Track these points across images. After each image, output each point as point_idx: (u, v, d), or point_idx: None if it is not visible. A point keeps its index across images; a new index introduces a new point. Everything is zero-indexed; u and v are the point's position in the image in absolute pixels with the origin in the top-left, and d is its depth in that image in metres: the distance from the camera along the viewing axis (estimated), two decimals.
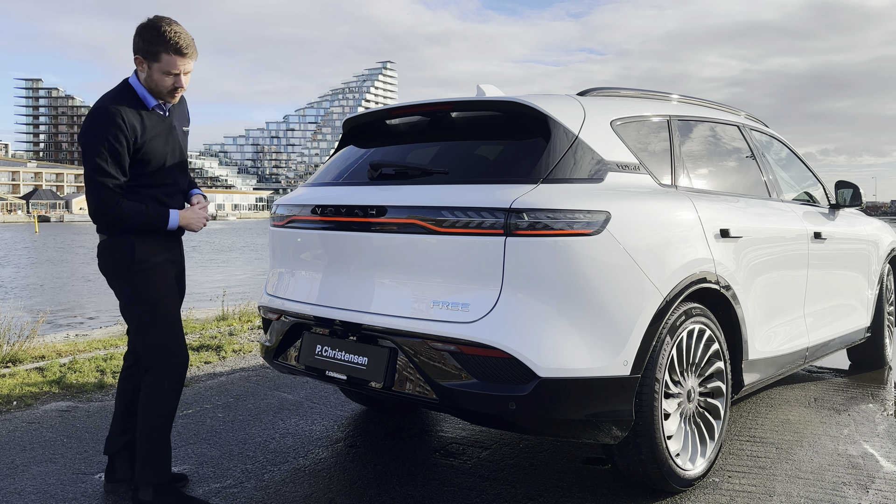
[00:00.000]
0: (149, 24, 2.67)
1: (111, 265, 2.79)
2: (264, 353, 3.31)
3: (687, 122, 3.40)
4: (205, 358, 5.36)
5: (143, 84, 2.72)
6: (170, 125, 2.82)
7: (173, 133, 2.84)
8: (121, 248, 2.74)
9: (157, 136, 2.75)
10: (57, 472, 3.13)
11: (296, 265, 3.18)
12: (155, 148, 2.74)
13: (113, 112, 2.62)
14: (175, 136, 2.85)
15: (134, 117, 2.67)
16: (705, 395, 3.00)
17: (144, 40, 2.66)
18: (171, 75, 2.69)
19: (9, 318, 5.54)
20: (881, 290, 4.80)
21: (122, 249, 2.74)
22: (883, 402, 4.21)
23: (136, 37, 2.68)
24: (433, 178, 2.78)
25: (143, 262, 2.74)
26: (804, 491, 2.91)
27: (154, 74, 2.68)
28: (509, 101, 2.85)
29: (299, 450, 3.42)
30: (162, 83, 2.70)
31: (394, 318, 2.66)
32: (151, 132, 2.72)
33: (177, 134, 2.87)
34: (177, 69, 2.68)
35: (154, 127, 2.74)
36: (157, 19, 2.68)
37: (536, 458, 3.27)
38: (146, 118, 2.72)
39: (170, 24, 2.67)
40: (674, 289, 2.70)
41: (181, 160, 2.90)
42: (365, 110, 3.41)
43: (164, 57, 2.65)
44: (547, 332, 2.45)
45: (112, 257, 2.78)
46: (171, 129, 2.83)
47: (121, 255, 2.75)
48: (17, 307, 6.50)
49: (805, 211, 4.05)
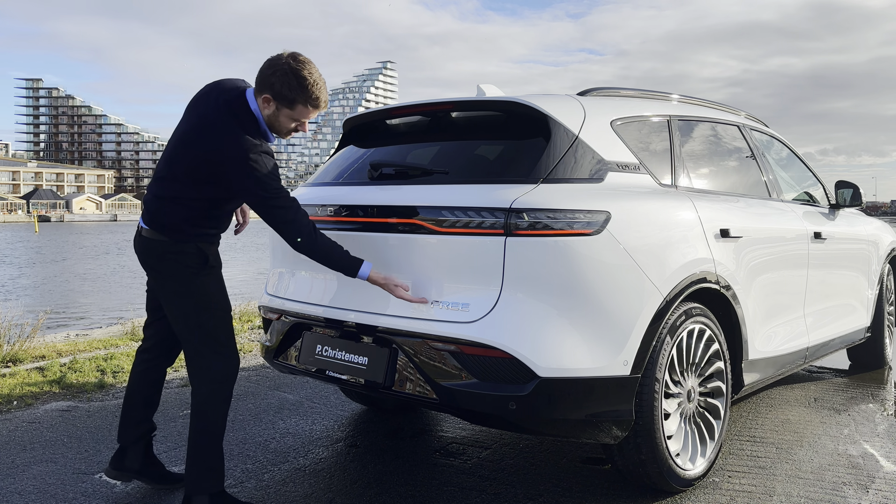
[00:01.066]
0: (289, 69, 2.50)
1: (177, 268, 2.65)
2: (264, 353, 3.31)
3: (687, 121, 3.40)
4: None
5: (265, 118, 2.58)
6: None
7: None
8: (189, 252, 2.64)
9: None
10: (57, 471, 3.13)
11: (296, 265, 3.18)
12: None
13: (264, 148, 2.54)
14: None
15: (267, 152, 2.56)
16: (705, 395, 3.00)
17: (283, 85, 2.50)
18: (298, 122, 2.60)
19: (9, 318, 5.54)
20: (881, 290, 4.81)
21: (190, 253, 2.64)
22: (883, 402, 4.21)
23: (270, 75, 2.51)
24: (433, 178, 2.78)
25: (214, 266, 2.70)
26: (804, 491, 2.91)
27: (281, 117, 2.57)
28: (509, 100, 2.85)
29: (299, 449, 3.42)
30: (286, 126, 2.60)
31: (394, 317, 2.67)
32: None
33: None
34: (307, 118, 2.61)
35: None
36: (298, 64, 2.50)
37: (536, 458, 3.28)
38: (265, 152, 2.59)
39: (311, 71, 2.52)
40: (674, 289, 2.70)
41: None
42: (365, 110, 3.41)
43: (300, 108, 2.55)
44: (547, 332, 2.46)
45: (180, 261, 2.64)
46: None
47: (191, 259, 2.64)
48: (17, 307, 6.49)
49: (805, 211, 4.05)
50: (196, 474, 2.64)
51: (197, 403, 2.68)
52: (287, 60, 2.52)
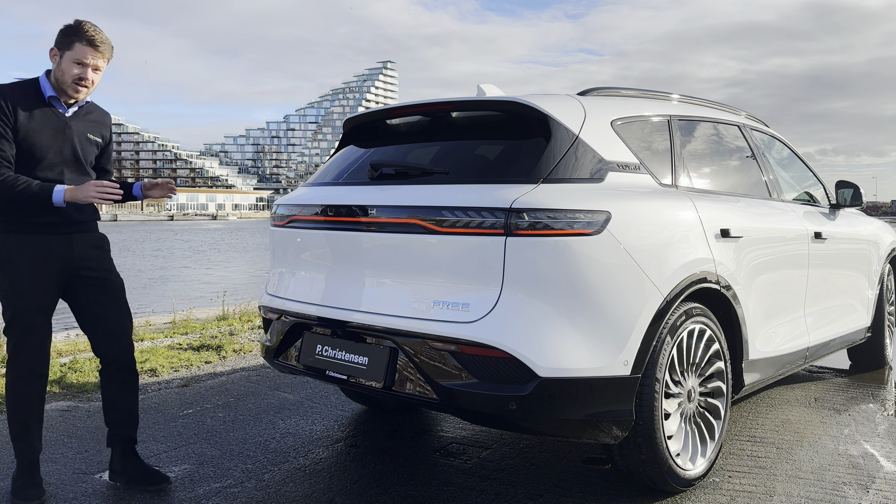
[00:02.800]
0: (71, 22, 2.83)
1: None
2: (265, 353, 3.31)
3: (687, 121, 3.40)
4: (205, 358, 5.36)
5: (52, 79, 2.82)
6: (64, 124, 2.84)
7: (68, 133, 2.85)
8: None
9: (43, 128, 2.78)
10: (57, 471, 3.13)
11: (296, 265, 3.18)
12: (39, 140, 2.77)
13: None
14: (70, 136, 2.85)
15: (20, 102, 2.73)
16: (706, 395, 3.00)
17: (62, 33, 2.80)
18: (80, 65, 2.77)
19: None
20: (881, 290, 4.80)
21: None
22: (883, 402, 4.20)
23: (57, 35, 2.81)
24: (433, 178, 2.78)
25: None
26: (804, 491, 2.91)
27: (63, 64, 2.78)
28: (510, 100, 2.85)
29: (299, 449, 3.42)
30: (69, 71, 2.77)
31: (394, 317, 2.66)
32: (38, 123, 2.76)
33: (74, 137, 2.87)
34: (87, 60, 2.77)
35: (43, 119, 2.78)
36: (79, 20, 2.82)
37: (536, 458, 3.27)
38: (36, 109, 2.77)
39: (92, 25, 2.82)
40: (674, 289, 2.70)
41: (75, 163, 2.88)
42: (365, 110, 3.41)
43: (77, 45, 2.77)
44: (547, 332, 2.45)
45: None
46: (66, 129, 2.84)
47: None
48: None
49: (805, 211, 4.05)
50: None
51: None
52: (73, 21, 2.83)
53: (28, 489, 2.79)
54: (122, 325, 2.97)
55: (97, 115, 3.00)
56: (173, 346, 5.69)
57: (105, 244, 3.03)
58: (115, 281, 2.99)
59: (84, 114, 2.92)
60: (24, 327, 2.77)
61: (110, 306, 2.95)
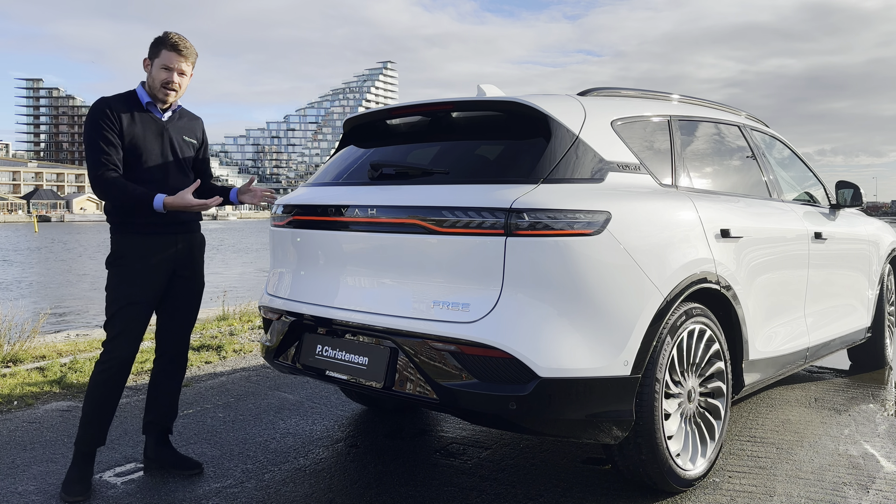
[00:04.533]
0: (160, 34, 3.08)
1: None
2: (265, 353, 3.31)
3: (687, 122, 3.40)
4: (205, 358, 5.37)
5: (146, 87, 3.06)
6: (162, 127, 3.07)
7: (166, 136, 3.08)
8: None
9: (145, 133, 3.01)
10: (58, 471, 3.13)
11: (296, 265, 3.18)
12: (143, 143, 2.99)
13: (101, 103, 2.96)
14: (169, 139, 3.09)
15: (122, 110, 2.97)
16: (706, 396, 3.00)
17: (152, 44, 3.04)
18: (167, 70, 2.99)
19: (9, 318, 5.53)
20: (882, 291, 4.80)
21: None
22: (883, 403, 4.20)
23: (149, 48, 3.06)
24: (434, 178, 2.78)
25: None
26: (805, 491, 2.91)
27: (153, 71, 3.02)
28: (510, 101, 2.85)
29: (300, 450, 3.42)
30: (158, 77, 3.00)
31: (394, 318, 2.66)
32: (140, 128, 2.99)
33: (172, 138, 3.10)
34: (172, 65, 2.99)
35: (143, 124, 3.01)
36: (166, 31, 3.06)
37: (536, 458, 3.27)
38: (136, 115, 3.00)
39: (177, 33, 3.04)
40: (674, 289, 2.70)
41: (176, 164, 3.11)
42: (365, 110, 3.41)
43: (164, 52, 3.00)
44: (547, 333, 2.45)
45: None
46: (164, 132, 3.07)
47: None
48: (17, 307, 6.49)
49: (806, 211, 4.05)
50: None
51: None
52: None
53: (74, 484, 2.90)
54: (189, 324, 3.23)
55: (190, 119, 3.24)
56: None
57: (202, 246, 3.27)
58: (199, 282, 3.23)
59: (178, 118, 3.16)
60: (126, 322, 2.96)
61: (188, 305, 3.19)
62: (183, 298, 3.16)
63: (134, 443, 3.48)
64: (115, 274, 3.00)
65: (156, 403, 3.21)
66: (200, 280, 3.24)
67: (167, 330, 3.18)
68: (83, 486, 2.90)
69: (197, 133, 3.25)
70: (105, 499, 2.87)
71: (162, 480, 3.04)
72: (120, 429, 3.70)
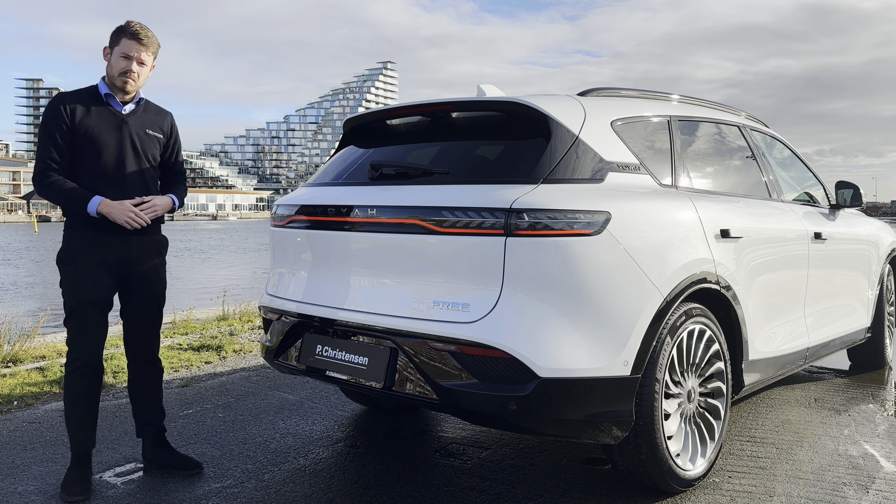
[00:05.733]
0: (121, 24, 3.02)
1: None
2: (265, 354, 3.31)
3: (687, 122, 3.40)
4: (205, 358, 5.37)
5: (106, 79, 3.00)
6: (121, 120, 2.99)
7: (126, 129, 3.00)
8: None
9: (101, 126, 2.94)
10: (58, 471, 3.13)
11: (296, 265, 3.18)
12: (97, 137, 2.92)
13: (55, 99, 2.92)
14: (129, 132, 3.00)
15: (77, 104, 2.92)
16: (705, 396, 3.00)
17: (112, 33, 3.00)
18: (126, 58, 2.94)
19: (9, 318, 5.53)
20: (881, 291, 4.80)
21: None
22: (883, 403, 4.20)
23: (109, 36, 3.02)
24: (434, 179, 2.78)
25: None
26: (804, 491, 2.91)
27: (112, 59, 2.97)
28: (510, 101, 2.85)
29: (299, 450, 3.42)
30: (116, 65, 2.95)
31: (394, 318, 2.66)
32: (95, 120, 2.93)
33: (132, 132, 3.01)
34: (132, 53, 2.94)
35: (100, 117, 2.94)
36: (128, 20, 3.01)
37: (536, 458, 3.27)
38: (93, 109, 2.94)
39: (138, 22, 3.00)
40: (674, 289, 2.70)
41: (135, 157, 3.02)
42: (365, 110, 3.41)
43: (124, 41, 2.95)
44: (547, 333, 2.45)
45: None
46: (124, 125, 3.00)
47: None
48: (17, 307, 6.49)
49: (805, 211, 4.05)
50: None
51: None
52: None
53: (74, 484, 2.89)
54: (153, 328, 3.17)
55: (156, 112, 3.16)
56: (173, 347, 5.69)
57: (162, 248, 3.18)
58: (159, 285, 3.15)
59: (142, 111, 3.08)
60: (82, 321, 2.92)
61: (149, 309, 3.13)
62: (143, 303, 3.09)
63: (134, 443, 3.48)
64: (67, 272, 2.93)
65: (138, 409, 3.19)
66: (160, 283, 3.14)
67: (133, 335, 3.14)
68: (83, 486, 2.89)
69: (163, 126, 3.15)
70: (105, 499, 2.87)
71: (162, 480, 3.05)
72: (120, 429, 3.70)
